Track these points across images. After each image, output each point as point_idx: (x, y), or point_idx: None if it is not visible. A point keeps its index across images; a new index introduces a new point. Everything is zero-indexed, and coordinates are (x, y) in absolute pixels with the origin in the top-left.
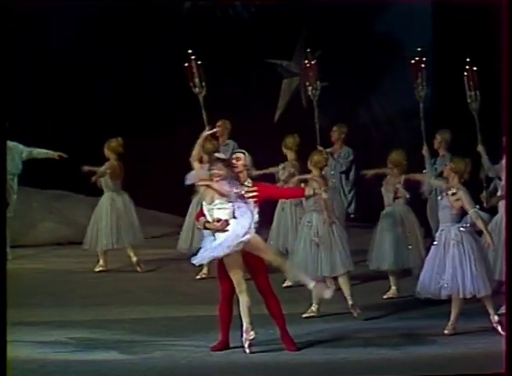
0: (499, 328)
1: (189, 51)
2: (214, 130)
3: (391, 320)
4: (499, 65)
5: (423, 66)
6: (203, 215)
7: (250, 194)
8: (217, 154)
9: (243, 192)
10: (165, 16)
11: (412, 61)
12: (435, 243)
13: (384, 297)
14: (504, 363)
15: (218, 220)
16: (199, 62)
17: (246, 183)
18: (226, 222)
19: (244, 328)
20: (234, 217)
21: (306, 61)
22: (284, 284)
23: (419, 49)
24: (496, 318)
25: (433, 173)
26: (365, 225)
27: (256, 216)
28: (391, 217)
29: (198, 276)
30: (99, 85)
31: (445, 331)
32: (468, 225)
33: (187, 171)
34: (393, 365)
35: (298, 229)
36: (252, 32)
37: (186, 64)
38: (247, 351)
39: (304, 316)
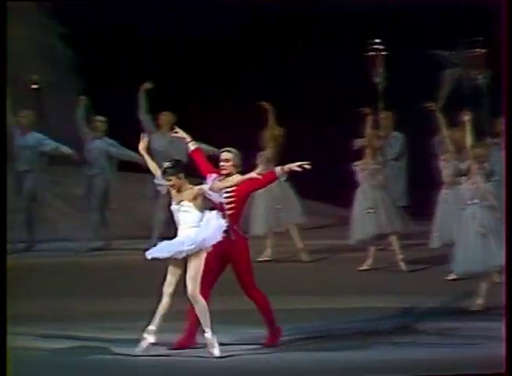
0: None
1: (376, 40)
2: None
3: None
4: None
5: None
6: None
7: (229, 190)
8: (164, 165)
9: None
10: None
11: None
12: None
13: None
14: (504, 363)
15: None
16: (383, 53)
17: (229, 179)
18: None
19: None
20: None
21: (477, 50)
22: (449, 277)
23: None
24: None
25: None
26: None
27: (217, 234)
28: None
29: (361, 268)
30: None
31: None
32: None
33: None
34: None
35: (462, 220)
36: (408, 22)
37: (371, 53)
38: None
39: (473, 309)
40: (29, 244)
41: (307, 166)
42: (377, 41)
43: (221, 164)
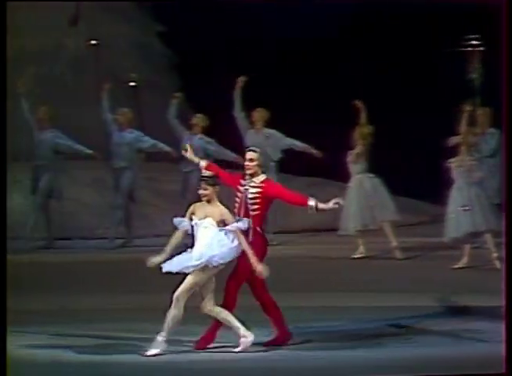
0: None
1: (475, 35)
2: None
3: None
4: None
5: None
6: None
7: (254, 190)
8: (203, 173)
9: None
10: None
11: None
12: None
13: None
14: (504, 363)
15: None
16: (480, 48)
17: (254, 179)
18: None
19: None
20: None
21: None
22: None
23: None
24: None
25: None
26: None
27: (229, 255)
28: None
29: (456, 266)
30: None
31: None
32: None
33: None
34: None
35: None
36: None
37: (467, 49)
38: None
39: None
40: (126, 239)
41: (341, 202)
42: (474, 36)
43: (246, 163)
